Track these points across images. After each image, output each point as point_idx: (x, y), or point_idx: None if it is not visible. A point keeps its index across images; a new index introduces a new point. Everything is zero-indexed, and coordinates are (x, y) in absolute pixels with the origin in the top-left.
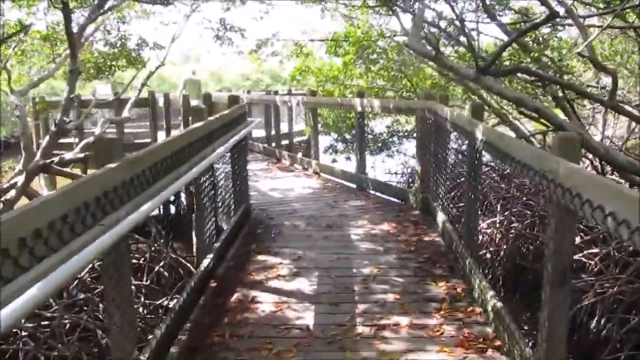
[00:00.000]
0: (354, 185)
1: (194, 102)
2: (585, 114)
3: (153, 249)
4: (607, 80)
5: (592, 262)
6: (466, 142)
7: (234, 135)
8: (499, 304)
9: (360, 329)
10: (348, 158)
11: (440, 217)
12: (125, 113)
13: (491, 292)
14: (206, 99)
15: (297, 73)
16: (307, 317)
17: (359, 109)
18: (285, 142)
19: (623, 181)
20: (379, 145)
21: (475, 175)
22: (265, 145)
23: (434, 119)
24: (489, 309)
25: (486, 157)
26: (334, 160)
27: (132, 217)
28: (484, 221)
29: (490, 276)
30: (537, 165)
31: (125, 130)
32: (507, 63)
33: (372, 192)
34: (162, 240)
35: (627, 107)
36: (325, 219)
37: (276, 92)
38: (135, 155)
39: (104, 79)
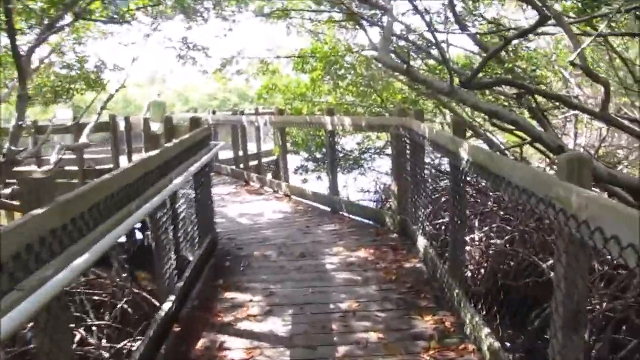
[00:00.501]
0: (327, 208)
1: (157, 125)
2: (556, 123)
3: (116, 283)
4: (578, 91)
5: None
6: (439, 155)
7: (196, 161)
8: (497, 344)
9: None
10: (319, 177)
11: (421, 241)
12: (84, 139)
13: (486, 330)
14: (167, 122)
15: (264, 91)
16: None
17: (329, 127)
18: (253, 162)
19: (598, 190)
20: (351, 162)
21: (461, 198)
22: (233, 167)
23: (409, 136)
24: (484, 348)
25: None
26: (305, 180)
27: (62, 276)
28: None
29: (484, 311)
30: (541, 191)
31: (86, 156)
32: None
33: (346, 214)
34: (124, 275)
35: (619, 119)
36: (298, 247)
37: (242, 112)
38: (69, 196)
39: (61, 103)
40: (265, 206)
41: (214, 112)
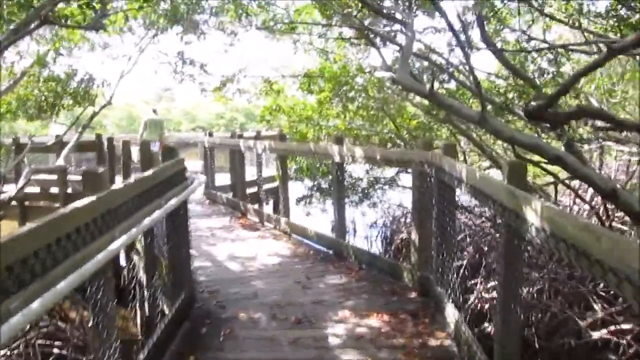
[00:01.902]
0: (332, 252)
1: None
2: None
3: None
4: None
5: (624, 342)
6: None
7: (160, 206)
8: None
9: None
10: (324, 210)
11: (451, 312)
12: (60, 161)
13: None
14: (143, 147)
15: (267, 113)
16: None
17: (337, 158)
18: (252, 190)
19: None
20: (359, 194)
21: (519, 276)
22: (230, 195)
23: (437, 176)
24: None
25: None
26: (308, 214)
27: None
28: (483, 284)
29: None
30: None
31: (70, 178)
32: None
33: (355, 261)
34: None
35: None
36: (294, 308)
37: (241, 135)
38: None
39: (46, 120)
40: (260, 246)
41: (210, 134)
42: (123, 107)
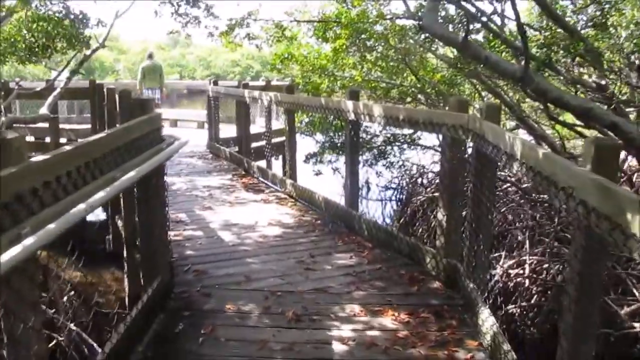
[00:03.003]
0: (342, 223)
1: (148, 93)
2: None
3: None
4: None
5: None
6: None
7: (110, 181)
8: None
9: None
10: (336, 169)
11: (488, 321)
12: (44, 109)
13: None
14: (122, 98)
15: (278, 61)
16: None
17: (352, 116)
18: (257, 144)
19: None
20: (373, 151)
21: (597, 296)
22: (236, 149)
23: (476, 147)
24: None
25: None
26: (319, 173)
27: None
28: (506, 261)
29: None
30: None
31: (66, 127)
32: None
33: (367, 236)
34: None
35: None
36: (293, 298)
37: (246, 85)
38: None
39: (38, 63)
40: (261, 212)
41: (215, 83)
42: (137, 52)
